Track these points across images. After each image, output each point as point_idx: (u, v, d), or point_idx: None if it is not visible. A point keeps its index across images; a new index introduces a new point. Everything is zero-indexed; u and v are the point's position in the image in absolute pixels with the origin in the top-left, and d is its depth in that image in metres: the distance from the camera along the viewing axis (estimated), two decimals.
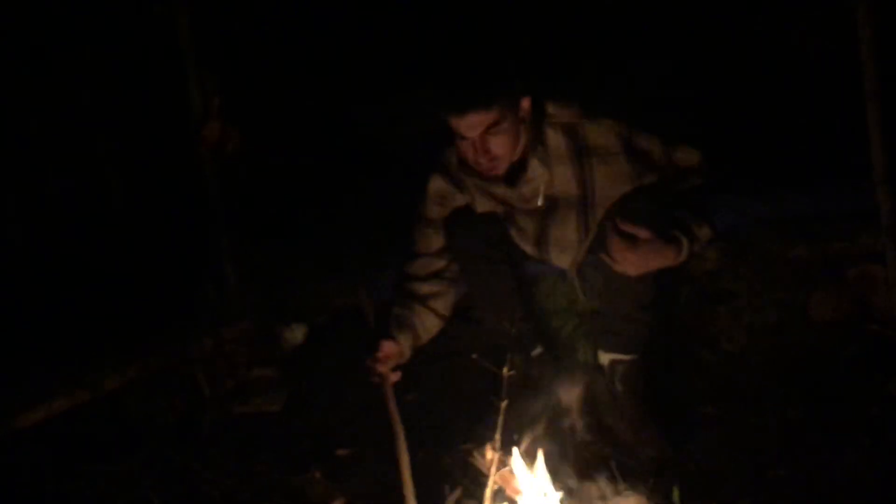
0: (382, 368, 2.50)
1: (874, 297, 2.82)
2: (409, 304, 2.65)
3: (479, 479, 2.09)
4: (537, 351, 2.76)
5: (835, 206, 3.06)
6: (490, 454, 2.05)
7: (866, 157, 2.47)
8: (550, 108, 2.52)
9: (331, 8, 4.21)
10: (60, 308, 3.43)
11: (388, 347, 2.54)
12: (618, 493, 2.16)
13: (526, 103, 2.46)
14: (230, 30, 4.00)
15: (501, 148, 2.44)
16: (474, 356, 2.18)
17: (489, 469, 2.05)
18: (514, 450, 2.05)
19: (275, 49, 4.23)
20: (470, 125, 2.39)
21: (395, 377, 2.51)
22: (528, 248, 2.69)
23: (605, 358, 2.65)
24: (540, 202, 2.58)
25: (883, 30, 2.37)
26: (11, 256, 3.83)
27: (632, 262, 2.36)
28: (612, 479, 2.20)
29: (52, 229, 3.90)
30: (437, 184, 2.65)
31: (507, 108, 2.41)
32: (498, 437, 2.04)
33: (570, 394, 2.47)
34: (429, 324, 2.67)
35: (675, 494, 2.12)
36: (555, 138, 2.52)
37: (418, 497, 2.20)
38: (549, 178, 2.54)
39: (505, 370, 2.08)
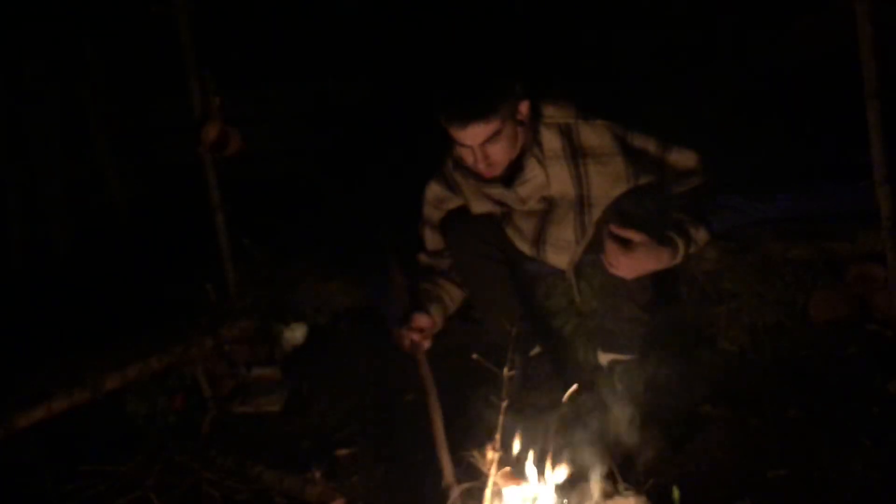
0: (416, 336, 2.60)
1: (874, 297, 2.81)
2: (432, 278, 2.74)
3: (480, 479, 2.09)
4: (537, 351, 2.76)
5: (835, 206, 3.05)
6: (490, 454, 2.05)
7: (866, 157, 2.47)
8: (546, 109, 2.53)
9: (331, 10, 4.22)
10: (61, 308, 3.43)
11: (420, 319, 2.63)
12: (618, 492, 2.16)
13: (524, 107, 2.47)
14: (230, 30, 4.01)
15: (501, 154, 2.46)
16: (474, 356, 2.18)
17: (489, 469, 2.05)
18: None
19: (276, 50, 4.24)
20: (471, 135, 2.42)
21: (427, 344, 2.62)
22: (526, 249, 2.69)
23: (604, 358, 2.66)
24: (536, 203, 2.58)
25: (883, 30, 2.37)
26: (12, 256, 3.84)
27: (626, 266, 2.37)
28: (612, 479, 2.19)
29: (52, 229, 3.91)
30: (433, 190, 2.72)
31: (507, 116, 2.43)
32: (498, 437, 2.04)
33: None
34: (454, 294, 2.76)
35: (675, 494, 2.12)
36: (550, 139, 2.52)
37: (419, 498, 2.20)
38: (544, 178, 2.54)
39: (505, 370, 2.08)
